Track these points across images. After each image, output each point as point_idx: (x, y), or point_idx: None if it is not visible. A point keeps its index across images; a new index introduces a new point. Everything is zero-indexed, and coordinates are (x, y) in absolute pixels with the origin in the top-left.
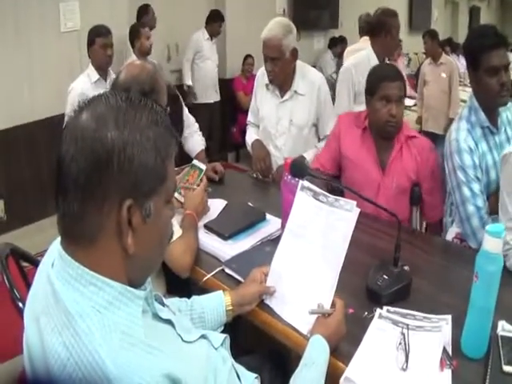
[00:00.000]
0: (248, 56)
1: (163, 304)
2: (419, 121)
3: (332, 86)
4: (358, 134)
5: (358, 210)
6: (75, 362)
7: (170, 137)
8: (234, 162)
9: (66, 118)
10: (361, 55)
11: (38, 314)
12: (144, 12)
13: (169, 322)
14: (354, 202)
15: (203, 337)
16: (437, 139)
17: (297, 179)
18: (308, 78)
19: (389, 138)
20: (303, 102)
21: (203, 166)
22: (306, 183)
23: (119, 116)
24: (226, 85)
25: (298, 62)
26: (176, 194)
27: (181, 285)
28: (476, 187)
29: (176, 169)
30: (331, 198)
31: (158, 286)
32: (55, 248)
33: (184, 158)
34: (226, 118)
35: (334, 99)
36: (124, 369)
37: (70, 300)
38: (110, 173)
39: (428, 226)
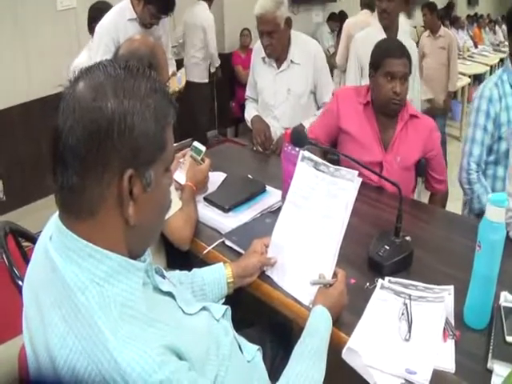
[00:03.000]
0: (244, 29)
1: (164, 276)
2: None
3: (329, 60)
4: (360, 109)
5: (360, 180)
6: (75, 336)
7: (168, 105)
8: (233, 137)
9: None
10: (371, 30)
11: (37, 288)
12: None
13: (169, 294)
14: (356, 172)
15: (204, 309)
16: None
17: (297, 149)
18: (303, 46)
19: (392, 115)
20: (300, 70)
21: (203, 147)
22: (307, 153)
23: (118, 85)
24: (224, 59)
25: (293, 32)
26: (175, 176)
27: (181, 258)
28: (478, 134)
29: (175, 144)
30: (332, 167)
31: (159, 260)
32: (53, 222)
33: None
34: (226, 92)
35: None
36: (124, 340)
37: (68, 273)
38: (111, 143)
39: (434, 198)
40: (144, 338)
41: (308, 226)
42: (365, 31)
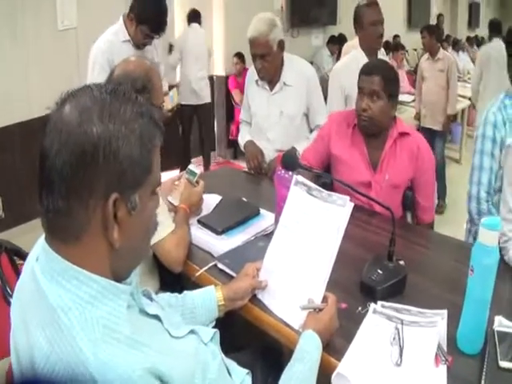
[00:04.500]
0: (234, 55)
1: (151, 299)
2: (417, 117)
3: (327, 83)
4: (349, 132)
5: (352, 205)
6: (58, 356)
7: (154, 128)
8: (232, 159)
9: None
10: (349, 57)
11: (25, 308)
12: None
13: (156, 317)
14: (347, 198)
15: (192, 332)
16: (435, 136)
17: (290, 173)
18: (296, 68)
19: (371, 133)
20: (292, 92)
21: (197, 170)
22: (300, 178)
23: (103, 109)
24: (220, 81)
25: (285, 54)
26: (169, 197)
27: (174, 280)
28: (486, 161)
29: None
30: (325, 193)
31: (151, 282)
32: (40, 243)
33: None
34: (222, 114)
35: (326, 97)
36: (105, 362)
37: (53, 295)
38: (96, 167)
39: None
40: (125, 360)
41: (299, 250)
42: (342, 61)
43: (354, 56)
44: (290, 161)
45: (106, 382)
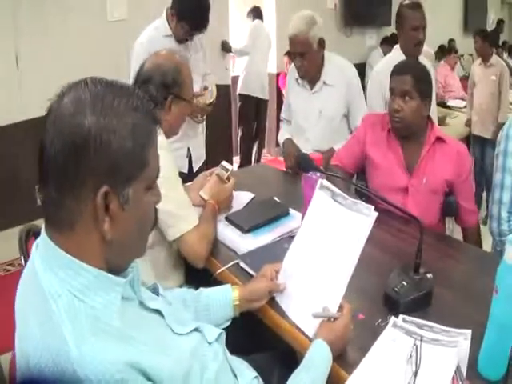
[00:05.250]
0: (286, 53)
1: (157, 293)
2: (468, 123)
3: None
4: (384, 136)
5: (376, 215)
6: (44, 343)
7: (150, 123)
8: (280, 157)
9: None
10: (389, 58)
11: (23, 295)
12: None
13: (157, 312)
14: (372, 207)
15: (197, 330)
16: (486, 144)
17: (318, 174)
18: (337, 67)
19: (405, 135)
20: (332, 92)
21: (230, 166)
22: (326, 182)
23: (96, 101)
24: (274, 79)
25: (327, 53)
26: (201, 192)
27: (200, 275)
28: (508, 179)
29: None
30: (350, 200)
31: (176, 276)
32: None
33: None
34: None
35: None
36: (88, 354)
37: (46, 281)
38: (86, 159)
39: (466, 234)
40: (108, 353)
41: (319, 256)
42: (382, 62)
43: (394, 57)
44: (304, 162)
45: (84, 374)
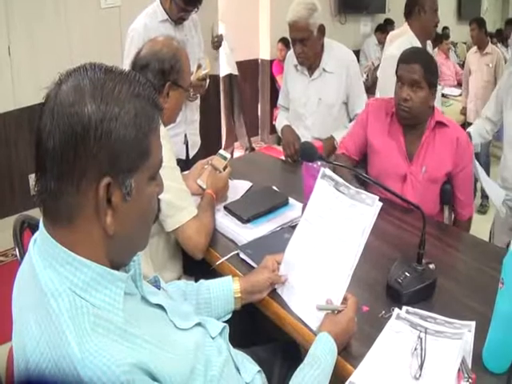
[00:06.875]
0: (280, 40)
1: (159, 287)
2: (463, 111)
3: (372, 73)
4: (387, 121)
5: (380, 205)
6: (46, 342)
7: (152, 110)
8: (275, 144)
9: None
10: (403, 41)
11: (20, 289)
12: None
13: (159, 306)
14: (376, 197)
15: (199, 325)
16: None
17: (319, 163)
18: (336, 54)
19: (411, 124)
20: (332, 79)
21: (228, 155)
22: (328, 171)
23: (96, 89)
24: (265, 65)
25: (326, 40)
26: (198, 181)
27: (199, 265)
28: None
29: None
30: (353, 189)
31: (173, 267)
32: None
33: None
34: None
35: (372, 84)
36: (90, 353)
37: (45, 278)
38: (87, 149)
39: (457, 225)
40: (112, 353)
41: (322, 247)
42: (396, 46)
43: (408, 40)
44: (308, 152)
45: (87, 376)
